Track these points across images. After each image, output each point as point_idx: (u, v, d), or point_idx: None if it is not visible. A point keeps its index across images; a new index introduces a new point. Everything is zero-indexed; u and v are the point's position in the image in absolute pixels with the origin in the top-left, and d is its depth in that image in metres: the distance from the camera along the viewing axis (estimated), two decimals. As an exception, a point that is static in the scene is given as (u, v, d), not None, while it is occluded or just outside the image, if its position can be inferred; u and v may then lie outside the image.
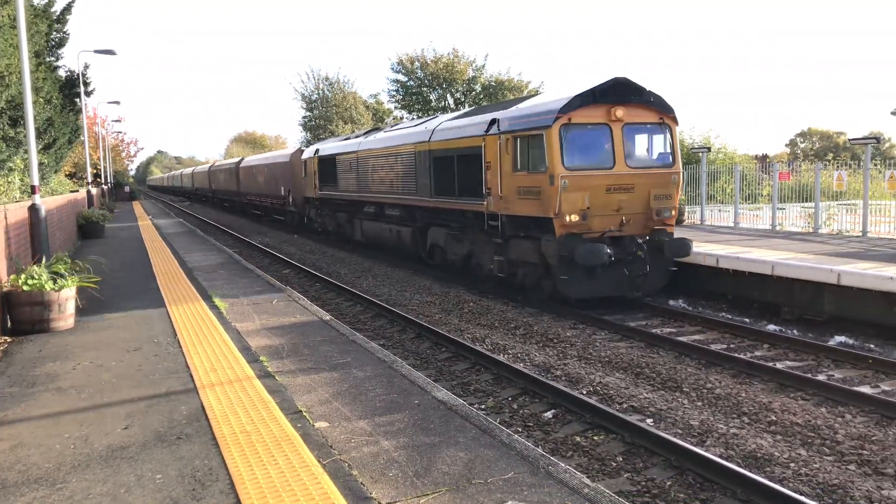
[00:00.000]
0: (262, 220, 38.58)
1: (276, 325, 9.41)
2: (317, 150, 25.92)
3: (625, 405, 7.70)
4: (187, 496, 4.36)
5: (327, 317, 10.07)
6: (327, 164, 24.07)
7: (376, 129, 23.25)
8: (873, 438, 6.52)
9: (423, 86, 63.03)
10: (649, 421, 7.23)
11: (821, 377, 8.38)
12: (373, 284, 16.03)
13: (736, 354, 9.25)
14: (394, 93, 64.89)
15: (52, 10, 23.55)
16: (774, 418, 7.11)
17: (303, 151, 28.89)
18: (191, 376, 6.99)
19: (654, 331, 10.73)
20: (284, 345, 8.32)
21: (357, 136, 23.07)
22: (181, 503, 4.27)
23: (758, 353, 9.48)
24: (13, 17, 14.25)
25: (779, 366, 8.78)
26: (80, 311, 10.29)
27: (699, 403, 7.69)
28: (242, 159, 44.28)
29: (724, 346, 9.88)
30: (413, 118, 63.75)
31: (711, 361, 9.12)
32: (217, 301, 11.17)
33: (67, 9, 25.20)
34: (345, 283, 15.86)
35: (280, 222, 34.45)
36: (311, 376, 6.98)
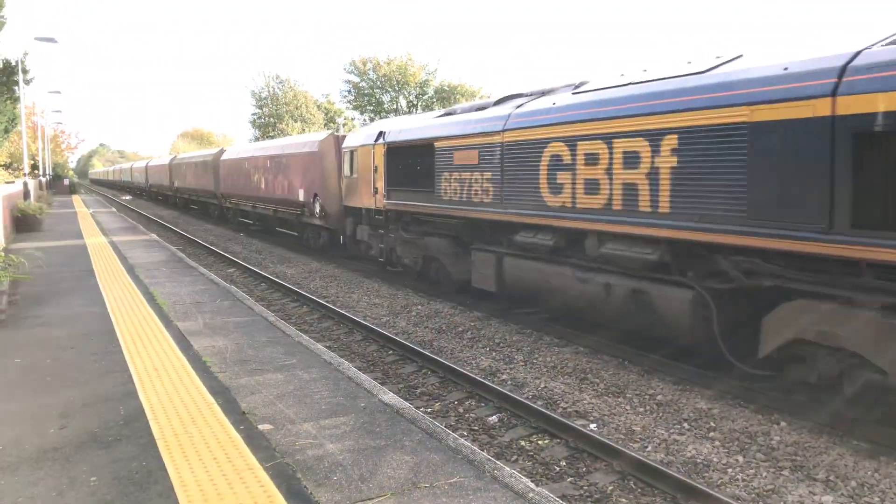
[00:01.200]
0: (250, 231, 28.83)
1: (220, 325, 9.23)
2: (382, 134, 15.68)
3: (569, 410, 7.79)
4: (124, 499, 4.23)
5: (272, 317, 9.92)
6: (412, 156, 14.16)
7: (522, 95, 12.12)
8: (807, 445, 6.73)
9: (376, 87, 62.93)
10: (593, 426, 7.33)
11: (759, 387, 8.60)
12: (320, 285, 15.88)
13: (677, 363, 9.42)
14: (345, 93, 64.64)
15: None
16: (713, 424, 7.28)
17: (341, 137, 19.60)
18: (130, 376, 6.79)
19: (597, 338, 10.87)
20: (228, 345, 8.16)
21: (485, 107, 12.57)
22: (117, 507, 4.14)
23: (699, 361, 9.68)
24: (-51, -1, 13.68)
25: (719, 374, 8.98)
26: (14, 307, 9.91)
27: (641, 409, 7.82)
28: (223, 150, 34.06)
29: (667, 353, 10.06)
30: (365, 120, 63.65)
31: (654, 368, 9.29)
32: (159, 299, 10.90)
33: (7, -8, 24.34)
34: (292, 284, 15.65)
35: (287, 238, 24.56)
36: (256, 377, 6.86)
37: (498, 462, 5.01)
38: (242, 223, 30.13)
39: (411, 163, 14.14)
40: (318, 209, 19.99)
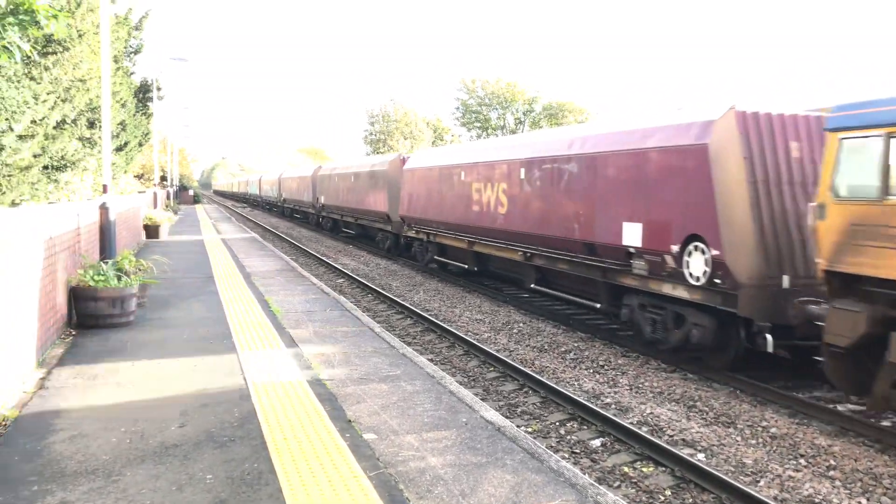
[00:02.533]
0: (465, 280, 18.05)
1: (329, 333, 9.52)
2: None
3: (676, 438, 7.54)
4: (236, 498, 4.43)
5: (378, 328, 10.14)
6: None
7: None
8: (939, 492, 6.21)
9: (483, 104, 63.61)
10: (700, 456, 7.05)
11: (885, 423, 8.04)
12: (423, 299, 16.09)
13: (794, 393, 8.95)
14: (454, 110, 65.77)
15: (131, 17, 24.62)
16: (833, 463, 6.85)
17: (766, 117, 9.61)
18: (244, 379, 7.11)
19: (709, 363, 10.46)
20: (336, 353, 8.40)
21: None
22: (230, 504, 4.34)
23: (816, 394, 9.16)
24: (97, 24, 14.91)
25: (839, 408, 8.46)
26: (142, 309, 10.59)
27: (753, 442, 7.47)
28: (404, 157, 23.97)
29: (782, 384, 9.57)
30: (472, 137, 64.43)
31: (767, 399, 8.86)
32: (273, 306, 11.37)
33: (145, 16, 26.30)
34: (396, 296, 15.95)
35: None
36: (361, 387, 7.03)
37: (601, 487, 4.91)
38: (439, 262, 19.81)
39: None
40: (700, 269, 9.50)
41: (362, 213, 27.48)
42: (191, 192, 68.88)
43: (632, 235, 10.72)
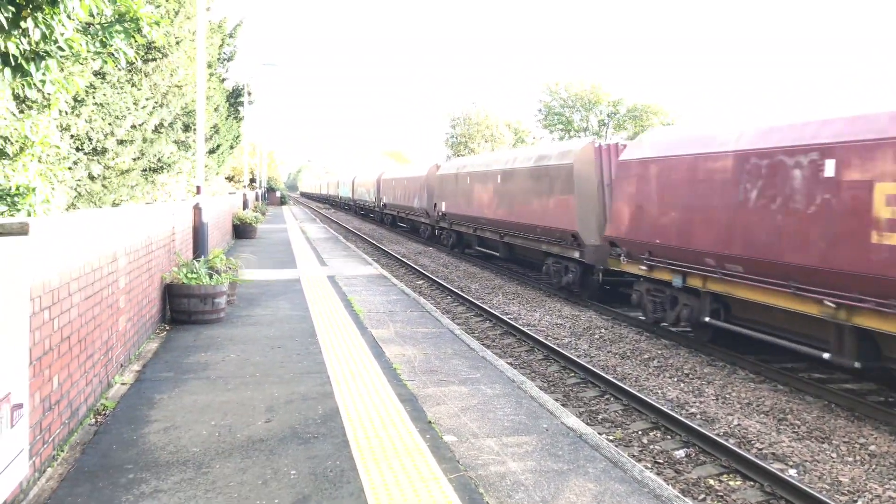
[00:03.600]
0: None
1: (409, 334, 9.61)
2: None
3: (765, 451, 7.25)
4: (319, 495, 4.51)
5: (458, 330, 10.17)
6: None
7: None
8: None
9: (566, 106, 63.09)
10: (792, 471, 6.76)
11: None
12: (502, 302, 16.04)
13: (892, 410, 8.46)
14: (536, 112, 65.59)
15: (225, 25, 25.61)
16: (939, 485, 6.44)
17: None
18: (328, 377, 7.26)
19: (800, 375, 10.02)
20: (417, 354, 8.47)
21: None
22: (313, 501, 4.42)
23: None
24: (193, 32, 15.56)
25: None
26: (231, 307, 10.96)
27: (850, 459, 7.10)
28: (603, 143, 16.05)
29: (882, 399, 9.07)
30: (553, 140, 64.00)
31: (865, 414, 8.41)
32: (355, 306, 11.57)
33: (239, 24, 27.31)
34: (475, 299, 15.96)
35: None
36: (441, 388, 7.06)
37: (686, 499, 4.76)
38: (714, 328, 11.21)
39: None
40: None
41: (516, 229, 19.49)
42: (278, 194, 70.83)
43: None
